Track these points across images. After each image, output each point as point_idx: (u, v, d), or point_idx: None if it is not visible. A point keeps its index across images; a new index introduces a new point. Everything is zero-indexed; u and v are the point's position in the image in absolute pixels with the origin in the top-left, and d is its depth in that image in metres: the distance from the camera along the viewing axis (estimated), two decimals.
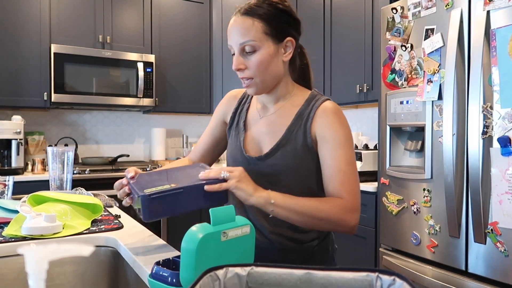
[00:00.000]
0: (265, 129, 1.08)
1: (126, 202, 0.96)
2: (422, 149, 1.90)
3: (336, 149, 0.98)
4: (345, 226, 0.95)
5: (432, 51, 1.79)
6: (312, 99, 1.05)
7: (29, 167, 2.94)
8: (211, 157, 1.24)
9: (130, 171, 0.98)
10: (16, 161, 2.81)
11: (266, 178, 1.03)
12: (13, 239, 1.04)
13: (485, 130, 1.56)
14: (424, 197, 1.83)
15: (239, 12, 1.00)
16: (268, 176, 1.03)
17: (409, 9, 1.91)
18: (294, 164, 1.01)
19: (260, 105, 1.12)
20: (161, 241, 1.08)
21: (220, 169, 0.94)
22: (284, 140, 1.03)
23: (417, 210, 1.86)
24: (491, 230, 1.54)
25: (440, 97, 1.75)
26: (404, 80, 1.94)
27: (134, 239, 1.09)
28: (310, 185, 1.04)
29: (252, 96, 1.17)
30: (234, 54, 1.01)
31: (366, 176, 2.39)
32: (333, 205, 0.94)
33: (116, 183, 0.98)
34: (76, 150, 3.34)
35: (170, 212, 0.91)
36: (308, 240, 1.05)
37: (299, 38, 1.08)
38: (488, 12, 1.55)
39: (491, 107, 1.54)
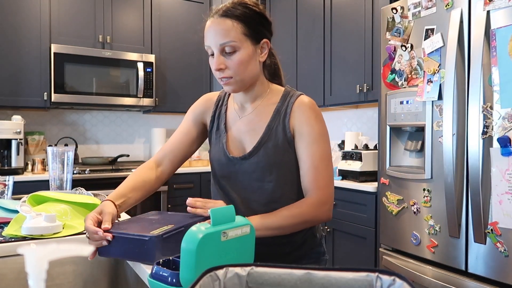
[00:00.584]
0: (245, 128, 1.11)
1: (91, 254, 0.90)
2: (422, 149, 1.90)
3: (311, 145, 1.04)
4: (320, 220, 1.04)
5: (432, 51, 1.79)
6: (287, 95, 1.10)
7: (29, 167, 2.94)
8: (182, 157, 1.20)
9: (106, 222, 0.92)
10: (16, 161, 2.81)
11: (252, 176, 1.08)
12: (13, 239, 1.04)
13: (485, 130, 1.56)
14: (424, 197, 1.83)
15: (217, 14, 1.02)
16: (253, 174, 1.07)
17: (409, 9, 1.91)
18: (277, 160, 1.06)
19: (237, 105, 1.16)
20: None
21: (204, 204, 0.96)
22: (265, 137, 1.07)
23: (417, 210, 1.86)
24: (491, 230, 1.54)
25: (440, 97, 1.75)
26: (404, 80, 1.94)
27: None
28: (295, 177, 1.08)
29: (228, 98, 1.20)
30: (212, 54, 1.04)
31: (366, 176, 2.39)
32: (304, 206, 1.01)
33: (95, 235, 0.88)
34: (76, 150, 3.34)
35: (175, 251, 0.85)
36: (297, 232, 1.08)
37: (271, 38, 1.11)
38: (488, 12, 1.55)
39: (491, 107, 1.54)
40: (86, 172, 2.89)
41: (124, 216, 1.30)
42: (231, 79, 1.03)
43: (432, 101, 1.79)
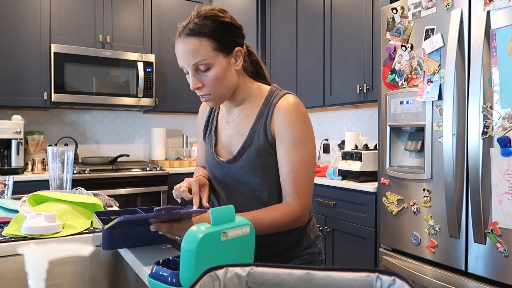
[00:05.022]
0: (232, 132, 1.12)
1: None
2: (422, 149, 1.90)
3: (290, 150, 1.02)
4: (294, 226, 1.03)
5: (432, 51, 1.79)
6: (270, 96, 1.08)
7: (29, 166, 2.94)
8: None
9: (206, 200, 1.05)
10: (16, 160, 2.81)
11: (238, 179, 1.09)
12: (13, 239, 1.04)
13: (485, 130, 1.56)
14: (424, 197, 1.83)
15: (183, 33, 0.98)
16: (239, 177, 1.08)
17: (409, 9, 1.91)
18: (260, 163, 1.05)
19: (225, 110, 1.17)
20: None
21: (170, 230, 0.90)
22: (249, 141, 1.07)
23: (417, 210, 1.86)
24: (491, 230, 1.54)
25: (440, 97, 1.75)
26: (404, 80, 1.94)
27: None
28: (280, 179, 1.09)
29: None
30: (187, 73, 1.02)
31: (366, 176, 2.39)
32: (282, 211, 0.99)
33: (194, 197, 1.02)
34: (76, 150, 3.34)
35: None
36: (288, 232, 1.08)
37: (244, 42, 1.08)
38: (488, 12, 1.55)
39: (491, 107, 1.54)
40: (86, 172, 2.89)
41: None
42: (210, 95, 1.03)
43: (432, 101, 1.79)
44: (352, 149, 2.59)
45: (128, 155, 3.34)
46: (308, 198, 1.03)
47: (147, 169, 3.14)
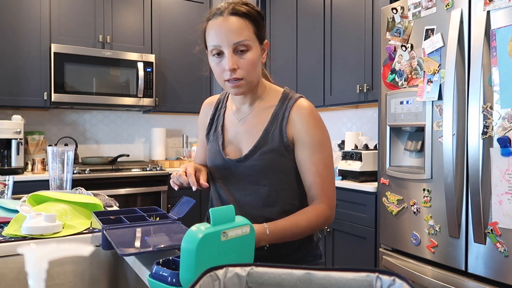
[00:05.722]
0: (243, 131, 1.10)
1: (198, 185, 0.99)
2: (422, 149, 1.90)
3: (313, 153, 1.03)
4: (327, 225, 1.04)
5: (432, 51, 1.79)
6: (285, 98, 1.08)
7: (29, 166, 2.94)
8: None
9: (204, 180, 1.02)
10: (16, 160, 2.81)
11: (247, 179, 1.07)
12: (13, 239, 1.04)
13: (485, 130, 1.56)
14: (424, 197, 1.83)
15: (226, 11, 0.99)
16: (248, 177, 1.06)
17: (409, 9, 1.91)
18: (272, 164, 1.04)
19: (235, 107, 1.14)
20: None
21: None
22: (262, 141, 1.05)
23: (417, 210, 1.86)
24: (491, 230, 1.54)
25: (440, 97, 1.75)
26: (404, 80, 1.94)
27: None
28: (291, 182, 1.08)
29: (227, 100, 1.19)
30: (217, 54, 1.00)
31: (366, 176, 2.39)
32: (314, 213, 1.00)
33: (190, 178, 0.99)
34: (76, 149, 3.34)
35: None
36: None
37: None
38: (488, 12, 1.55)
39: (491, 107, 1.54)
40: (86, 172, 2.89)
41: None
42: (242, 80, 1.00)
43: (432, 101, 1.79)
44: (352, 149, 2.59)
45: (128, 155, 3.34)
46: (335, 198, 1.06)
47: (147, 169, 3.14)
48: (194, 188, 0.96)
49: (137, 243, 0.91)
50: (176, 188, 1.00)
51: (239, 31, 0.97)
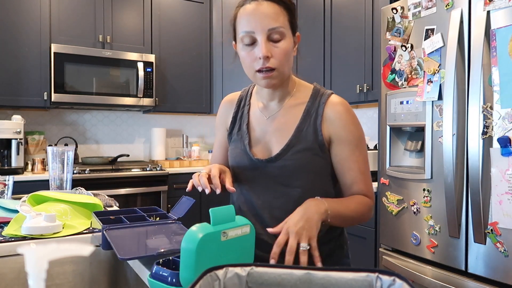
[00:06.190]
0: (272, 129, 1.03)
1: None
2: (422, 149, 1.90)
3: (353, 151, 0.99)
4: (368, 218, 1.01)
5: (432, 51, 1.79)
6: (317, 94, 1.02)
7: (29, 166, 2.94)
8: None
9: (229, 183, 0.94)
10: (16, 160, 2.81)
11: (277, 180, 1.00)
12: (13, 239, 1.04)
13: (485, 130, 1.56)
14: (424, 197, 1.83)
15: None
16: (279, 177, 1.00)
17: (409, 9, 1.91)
18: (306, 163, 0.98)
19: (262, 104, 1.07)
20: None
21: (285, 233, 0.81)
22: (294, 140, 0.99)
23: (417, 210, 1.86)
24: (491, 230, 1.54)
25: (440, 97, 1.75)
26: (404, 80, 1.94)
27: None
28: (324, 182, 1.03)
29: (250, 98, 1.12)
30: (248, 44, 0.93)
31: None
32: (361, 206, 0.98)
33: (214, 180, 0.92)
34: (76, 149, 3.34)
35: None
36: (325, 242, 1.00)
37: None
38: (488, 12, 1.55)
39: (491, 107, 1.54)
40: (86, 172, 2.89)
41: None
42: (274, 71, 0.93)
43: (432, 101, 1.79)
44: None
45: (128, 155, 3.34)
46: (373, 193, 1.04)
47: (147, 169, 3.14)
48: (218, 191, 0.90)
49: (137, 246, 0.91)
50: (199, 189, 0.90)
51: (275, 17, 0.91)
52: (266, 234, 0.99)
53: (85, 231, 1.14)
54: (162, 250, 0.84)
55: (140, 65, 3.22)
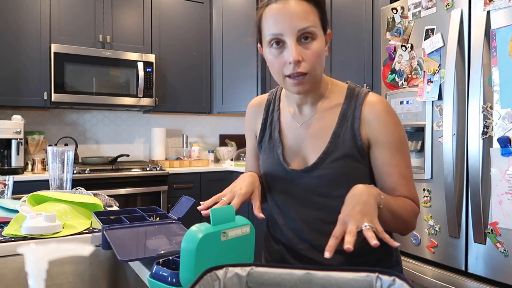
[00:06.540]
0: (306, 136, 0.96)
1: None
2: (422, 149, 1.90)
3: (394, 155, 0.90)
4: (412, 228, 0.92)
5: (432, 51, 1.79)
6: (352, 94, 0.94)
7: (29, 166, 2.94)
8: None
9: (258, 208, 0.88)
10: (16, 160, 2.81)
11: (316, 191, 0.93)
12: (13, 239, 1.04)
13: (485, 130, 1.56)
14: (424, 197, 1.83)
15: None
16: (317, 188, 0.93)
17: (409, 9, 1.91)
18: (345, 172, 0.91)
19: (293, 109, 0.99)
20: None
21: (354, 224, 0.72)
22: (332, 147, 0.91)
23: None
24: (491, 230, 1.54)
25: (440, 97, 1.75)
26: (404, 80, 1.94)
27: None
28: None
29: (279, 102, 1.04)
30: (277, 44, 0.85)
31: None
32: (410, 208, 0.89)
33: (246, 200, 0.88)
34: (76, 149, 3.34)
35: None
36: (371, 250, 0.85)
37: None
38: (488, 12, 1.55)
39: (491, 107, 1.54)
40: (86, 172, 2.89)
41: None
42: (306, 76, 0.85)
43: (432, 101, 1.79)
44: None
45: (128, 155, 3.34)
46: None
47: (147, 169, 3.14)
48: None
49: (137, 247, 0.92)
50: (204, 212, 0.82)
51: (305, 16, 0.82)
52: (305, 249, 0.96)
53: (85, 231, 1.14)
54: (162, 252, 0.84)
55: (140, 65, 3.22)
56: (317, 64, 0.86)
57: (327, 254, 0.68)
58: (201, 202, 0.86)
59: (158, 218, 1.14)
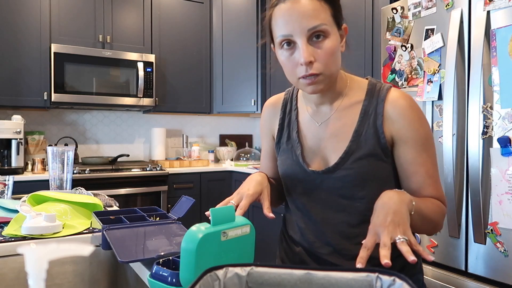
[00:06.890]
0: (326, 136, 0.92)
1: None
2: None
3: (420, 153, 0.86)
4: (439, 229, 0.90)
5: (432, 51, 1.79)
6: (373, 91, 0.90)
7: (29, 166, 2.94)
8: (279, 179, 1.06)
9: (267, 209, 0.85)
10: (16, 160, 2.81)
11: (338, 193, 0.90)
12: (13, 239, 1.04)
13: (485, 130, 1.56)
14: None
15: None
16: (340, 190, 0.89)
17: (409, 9, 1.91)
18: (369, 171, 0.87)
19: (311, 109, 0.96)
20: None
21: (387, 235, 0.71)
22: (353, 146, 0.88)
23: None
24: (491, 230, 1.54)
25: (440, 97, 1.75)
26: (404, 80, 1.94)
27: None
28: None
29: (297, 101, 1.01)
30: (288, 45, 0.83)
31: None
32: (439, 209, 0.87)
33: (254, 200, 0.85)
34: (76, 149, 3.34)
35: None
36: (394, 257, 0.76)
37: None
38: (488, 12, 1.55)
39: (491, 107, 1.54)
40: (86, 172, 2.89)
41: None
42: (319, 76, 0.82)
43: (432, 101, 1.79)
44: None
45: (128, 155, 3.34)
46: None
47: (147, 169, 3.14)
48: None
49: (137, 248, 0.92)
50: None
51: (314, 14, 0.80)
52: (327, 253, 0.93)
53: (85, 231, 1.14)
54: (162, 253, 0.84)
55: (140, 65, 3.22)
56: (331, 63, 0.83)
57: (359, 265, 0.67)
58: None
59: (158, 218, 1.14)
